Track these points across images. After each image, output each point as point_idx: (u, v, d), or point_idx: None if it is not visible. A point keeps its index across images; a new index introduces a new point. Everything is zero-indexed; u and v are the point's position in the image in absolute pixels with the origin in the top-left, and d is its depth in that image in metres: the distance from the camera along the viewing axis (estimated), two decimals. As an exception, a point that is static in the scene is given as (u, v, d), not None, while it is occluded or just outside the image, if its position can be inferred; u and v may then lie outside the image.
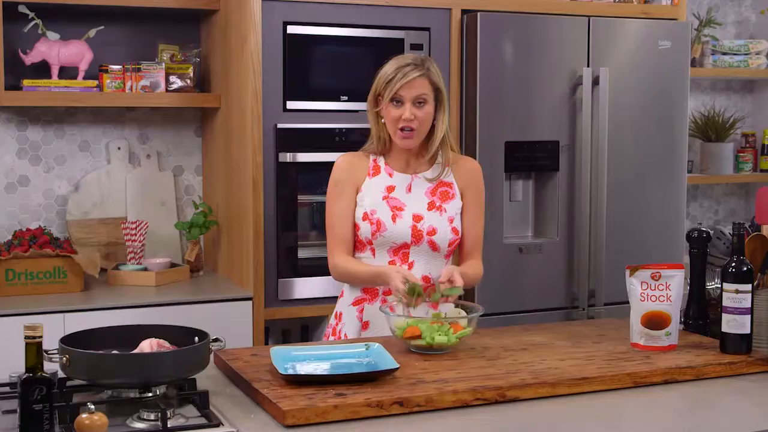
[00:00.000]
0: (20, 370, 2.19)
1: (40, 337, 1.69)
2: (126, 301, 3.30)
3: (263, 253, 3.41)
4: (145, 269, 3.61)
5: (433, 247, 2.63)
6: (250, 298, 3.42)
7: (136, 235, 3.66)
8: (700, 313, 2.64)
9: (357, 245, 2.67)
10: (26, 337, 1.68)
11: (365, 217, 2.63)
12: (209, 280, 3.73)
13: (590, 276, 3.78)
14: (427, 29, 3.58)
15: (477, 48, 3.57)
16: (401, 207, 2.63)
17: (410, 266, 2.62)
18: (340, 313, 2.73)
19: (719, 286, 2.72)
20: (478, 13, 3.56)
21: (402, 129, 2.59)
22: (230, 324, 3.32)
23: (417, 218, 2.62)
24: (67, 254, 3.39)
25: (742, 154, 4.65)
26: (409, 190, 2.66)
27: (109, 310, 3.23)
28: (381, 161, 2.69)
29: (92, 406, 1.65)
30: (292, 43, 3.41)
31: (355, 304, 2.67)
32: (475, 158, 3.57)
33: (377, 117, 2.65)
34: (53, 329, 3.14)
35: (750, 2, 4.86)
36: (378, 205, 2.63)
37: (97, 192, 3.82)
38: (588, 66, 3.72)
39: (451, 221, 2.65)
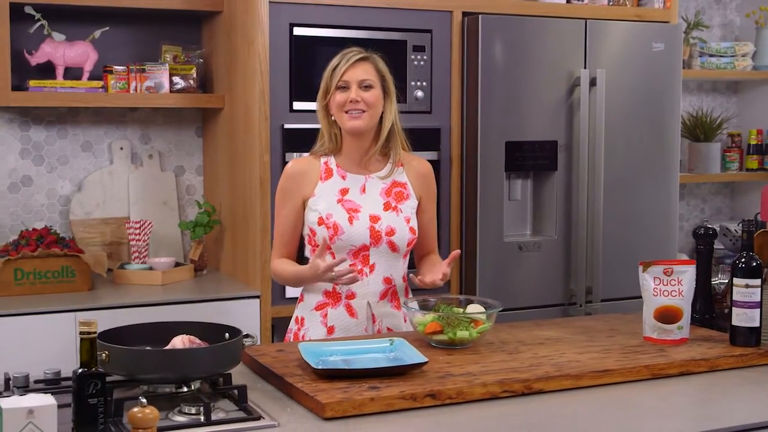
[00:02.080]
0: (39, 367, 2.22)
1: (95, 332, 1.73)
2: (136, 299, 3.33)
3: (270, 251, 3.45)
4: (150, 269, 3.64)
5: (393, 247, 2.64)
6: (257, 296, 3.46)
7: (140, 234, 3.69)
8: (707, 307, 2.73)
9: (315, 250, 2.63)
10: (81, 333, 1.72)
11: (321, 221, 2.62)
12: (213, 278, 3.77)
13: (587, 273, 3.86)
14: (429, 31, 3.65)
15: (478, 49, 3.63)
16: (357, 209, 2.63)
17: (371, 269, 2.64)
18: (302, 318, 2.71)
19: (724, 281, 2.82)
20: (479, 16, 3.63)
21: (348, 111, 2.60)
22: (238, 322, 3.32)
23: (374, 219, 2.63)
24: (75, 254, 3.42)
25: (728, 154, 4.76)
26: (364, 190, 2.67)
27: (120, 308, 3.26)
28: (332, 162, 2.68)
29: (144, 400, 1.69)
30: (299, 45, 3.46)
31: (317, 309, 2.67)
32: (476, 159, 3.66)
33: (327, 113, 2.67)
34: (65, 328, 3.19)
35: (735, 5, 4.98)
36: (333, 209, 2.63)
37: (99, 192, 3.85)
38: (585, 68, 3.80)
39: (408, 221, 2.67)
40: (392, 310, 2.69)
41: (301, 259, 2.75)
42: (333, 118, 2.66)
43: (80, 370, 1.71)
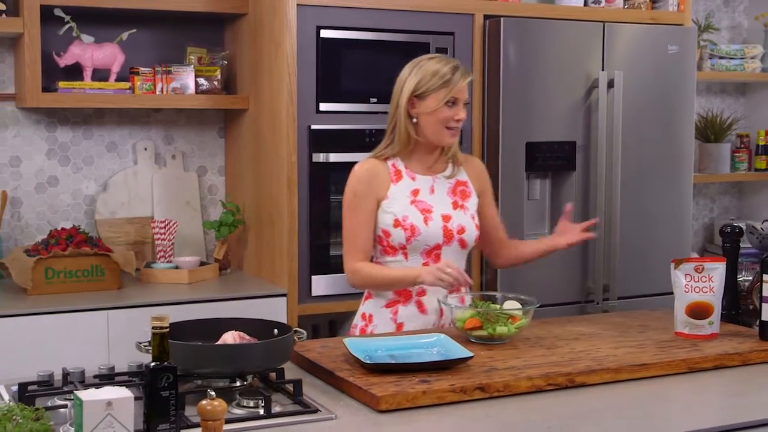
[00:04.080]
0: (73, 364, 2.23)
1: (167, 327, 1.78)
2: (166, 298, 3.38)
3: (297, 250, 3.51)
4: (177, 267, 3.70)
5: (462, 244, 2.74)
6: (284, 294, 3.51)
7: (165, 234, 3.74)
8: (733, 304, 2.80)
9: (387, 250, 2.73)
10: (153, 328, 1.77)
11: (397, 223, 2.69)
12: (238, 277, 3.82)
13: (604, 271, 3.93)
14: (452, 33, 3.71)
15: (499, 52, 3.70)
16: (429, 209, 2.71)
17: None
18: (370, 315, 2.78)
19: (748, 279, 2.89)
20: (501, 19, 3.69)
21: (449, 127, 2.69)
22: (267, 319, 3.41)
23: (446, 218, 2.72)
24: (105, 253, 3.47)
25: (737, 154, 4.84)
26: (432, 191, 2.75)
27: (151, 307, 3.29)
28: (400, 165, 2.74)
29: (213, 393, 1.74)
30: (325, 47, 3.51)
31: (388, 306, 2.74)
32: (498, 159, 3.73)
33: (409, 116, 2.71)
34: (98, 326, 3.25)
35: (743, 8, 5.06)
36: (408, 210, 2.70)
37: (124, 192, 3.90)
38: (603, 69, 3.87)
39: (473, 218, 2.78)
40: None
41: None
42: (414, 120, 2.70)
43: (153, 364, 1.76)
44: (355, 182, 2.73)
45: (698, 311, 2.57)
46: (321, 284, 3.57)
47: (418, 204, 2.72)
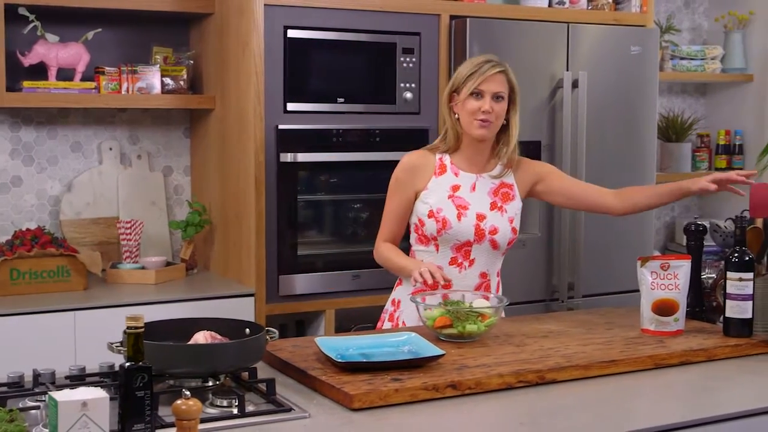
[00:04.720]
0: (40, 366, 2.22)
1: (142, 327, 1.78)
2: (132, 298, 3.37)
3: (265, 250, 3.51)
4: (143, 268, 3.68)
5: (494, 245, 2.78)
6: (252, 294, 3.51)
7: (131, 234, 3.72)
8: (697, 301, 2.85)
9: (421, 239, 2.81)
10: (128, 328, 1.77)
11: (431, 214, 2.75)
12: (204, 277, 3.82)
13: (569, 269, 3.98)
14: (418, 34, 3.73)
15: (465, 52, 3.72)
16: (466, 206, 2.77)
17: (471, 263, 2.78)
18: (399, 301, 2.86)
19: (712, 276, 2.94)
20: (467, 19, 3.71)
21: (477, 119, 2.71)
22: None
23: (480, 217, 2.76)
24: (71, 253, 3.44)
25: (698, 154, 4.92)
26: (473, 189, 2.79)
27: (118, 307, 3.28)
28: (447, 159, 2.81)
29: (188, 393, 1.74)
30: (293, 47, 3.52)
31: (415, 293, 2.78)
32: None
33: (451, 113, 2.78)
34: (64, 327, 3.22)
35: (703, 10, 5.14)
36: (444, 204, 2.76)
37: (89, 192, 3.87)
38: (567, 70, 3.91)
39: (511, 221, 2.81)
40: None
41: (406, 244, 2.90)
42: (456, 117, 2.76)
43: (128, 364, 1.76)
44: (399, 170, 2.83)
45: (664, 308, 2.61)
46: (288, 284, 3.57)
47: (456, 199, 2.77)
